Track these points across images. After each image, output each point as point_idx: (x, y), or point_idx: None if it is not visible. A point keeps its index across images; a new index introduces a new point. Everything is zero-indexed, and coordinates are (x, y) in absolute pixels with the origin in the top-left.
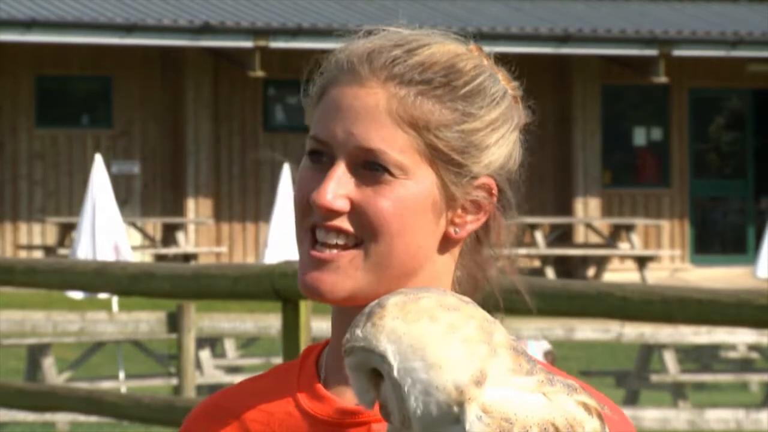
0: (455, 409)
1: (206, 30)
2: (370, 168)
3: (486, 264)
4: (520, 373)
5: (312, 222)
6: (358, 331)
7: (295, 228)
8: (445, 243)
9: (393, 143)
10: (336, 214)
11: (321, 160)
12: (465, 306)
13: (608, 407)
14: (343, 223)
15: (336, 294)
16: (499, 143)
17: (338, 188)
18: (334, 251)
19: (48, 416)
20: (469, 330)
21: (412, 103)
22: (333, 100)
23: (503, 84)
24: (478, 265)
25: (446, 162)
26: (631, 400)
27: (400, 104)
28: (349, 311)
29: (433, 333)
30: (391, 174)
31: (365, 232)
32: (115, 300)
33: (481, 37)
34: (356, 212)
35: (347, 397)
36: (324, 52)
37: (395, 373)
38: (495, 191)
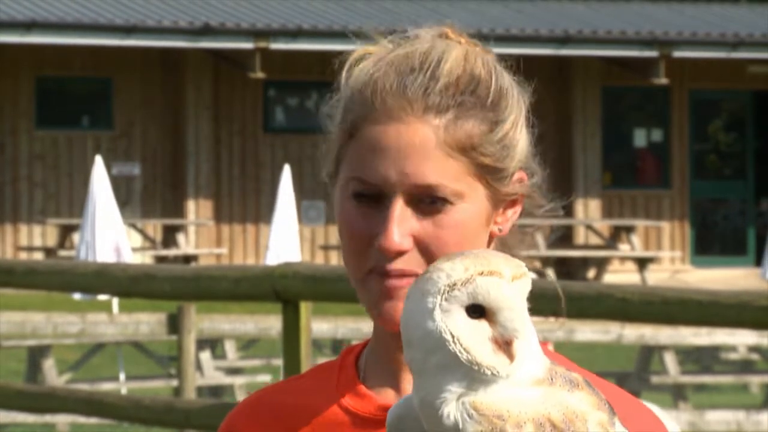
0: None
1: (206, 31)
2: (429, 202)
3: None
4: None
5: (374, 265)
6: None
7: (351, 271)
8: (489, 242)
9: (447, 174)
10: (402, 254)
11: (370, 201)
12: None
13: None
14: (409, 264)
15: None
16: (522, 134)
17: (402, 228)
18: (407, 280)
19: (48, 418)
20: None
21: (455, 129)
22: (373, 140)
23: (502, 70)
24: None
25: (492, 173)
26: None
27: (445, 133)
28: None
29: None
30: (449, 203)
31: (431, 262)
32: (115, 301)
33: (481, 38)
34: (420, 248)
35: (387, 396)
36: (324, 53)
37: None
38: (526, 181)
